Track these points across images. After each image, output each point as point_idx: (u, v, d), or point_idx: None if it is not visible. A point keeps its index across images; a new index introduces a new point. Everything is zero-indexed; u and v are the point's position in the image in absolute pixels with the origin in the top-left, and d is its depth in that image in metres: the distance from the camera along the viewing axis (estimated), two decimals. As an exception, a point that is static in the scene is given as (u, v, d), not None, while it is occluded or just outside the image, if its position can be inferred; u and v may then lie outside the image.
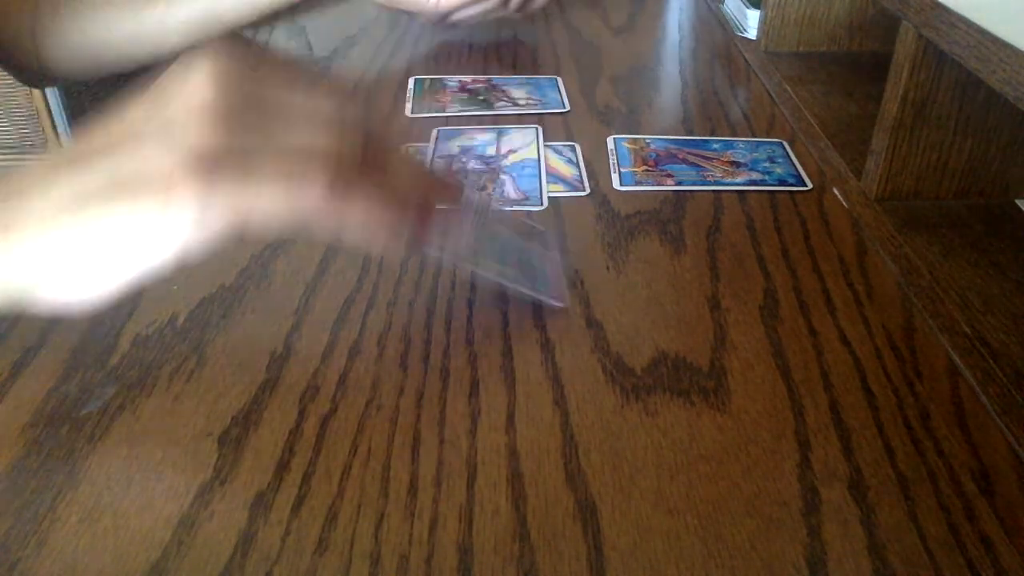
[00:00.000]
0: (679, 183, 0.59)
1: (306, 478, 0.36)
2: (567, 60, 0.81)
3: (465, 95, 0.72)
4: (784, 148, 0.64)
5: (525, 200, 0.56)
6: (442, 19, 0.77)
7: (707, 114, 0.70)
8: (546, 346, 0.43)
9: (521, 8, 0.77)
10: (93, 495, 0.35)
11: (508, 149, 0.63)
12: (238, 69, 0.32)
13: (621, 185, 0.58)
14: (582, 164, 0.61)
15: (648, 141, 0.65)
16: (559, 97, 0.72)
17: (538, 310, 0.46)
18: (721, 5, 0.97)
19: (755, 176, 0.60)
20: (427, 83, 0.75)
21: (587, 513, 0.34)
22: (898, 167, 0.56)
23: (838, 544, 0.33)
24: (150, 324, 0.44)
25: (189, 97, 0.31)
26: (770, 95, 0.74)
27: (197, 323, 0.45)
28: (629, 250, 0.51)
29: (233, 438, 0.38)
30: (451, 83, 0.75)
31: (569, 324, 0.45)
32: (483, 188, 0.56)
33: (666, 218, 0.55)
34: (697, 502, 0.35)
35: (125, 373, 0.41)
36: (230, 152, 0.30)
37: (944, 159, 0.56)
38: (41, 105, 1.70)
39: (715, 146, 0.64)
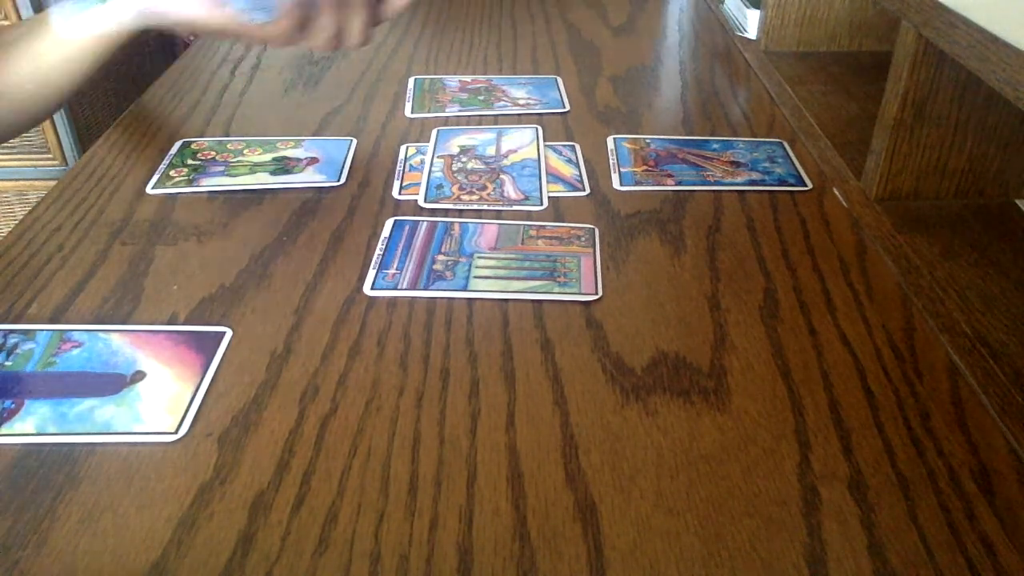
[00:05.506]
0: (679, 183, 0.59)
1: (306, 478, 0.36)
2: (567, 60, 0.81)
3: (465, 95, 0.72)
4: (784, 148, 0.64)
5: (525, 200, 0.56)
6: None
7: (707, 114, 0.70)
8: (546, 346, 0.43)
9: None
10: (93, 495, 0.35)
11: (508, 149, 0.63)
12: None
13: (621, 185, 0.58)
14: (582, 164, 0.61)
15: (648, 141, 0.65)
16: (559, 97, 0.72)
17: (538, 310, 0.46)
18: (721, 5, 0.97)
19: (755, 176, 0.60)
20: (427, 83, 0.75)
21: (587, 513, 0.34)
22: (898, 167, 0.56)
23: (838, 544, 0.33)
24: (150, 324, 0.44)
25: None
26: (770, 95, 0.74)
27: (197, 323, 0.45)
28: (629, 250, 0.51)
29: (233, 438, 0.38)
30: (451, 83, 0.75)
31: (569, 324, 0.45)
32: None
33: (666, 218, 0.55)
34: (697, 502, 0.35)
35: (125, 373, 0.41)
36: None
37: (944, 159, 0.56)
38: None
39: (715, 146, 0.64)
